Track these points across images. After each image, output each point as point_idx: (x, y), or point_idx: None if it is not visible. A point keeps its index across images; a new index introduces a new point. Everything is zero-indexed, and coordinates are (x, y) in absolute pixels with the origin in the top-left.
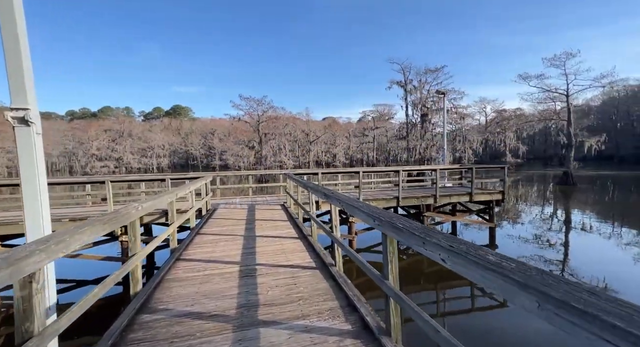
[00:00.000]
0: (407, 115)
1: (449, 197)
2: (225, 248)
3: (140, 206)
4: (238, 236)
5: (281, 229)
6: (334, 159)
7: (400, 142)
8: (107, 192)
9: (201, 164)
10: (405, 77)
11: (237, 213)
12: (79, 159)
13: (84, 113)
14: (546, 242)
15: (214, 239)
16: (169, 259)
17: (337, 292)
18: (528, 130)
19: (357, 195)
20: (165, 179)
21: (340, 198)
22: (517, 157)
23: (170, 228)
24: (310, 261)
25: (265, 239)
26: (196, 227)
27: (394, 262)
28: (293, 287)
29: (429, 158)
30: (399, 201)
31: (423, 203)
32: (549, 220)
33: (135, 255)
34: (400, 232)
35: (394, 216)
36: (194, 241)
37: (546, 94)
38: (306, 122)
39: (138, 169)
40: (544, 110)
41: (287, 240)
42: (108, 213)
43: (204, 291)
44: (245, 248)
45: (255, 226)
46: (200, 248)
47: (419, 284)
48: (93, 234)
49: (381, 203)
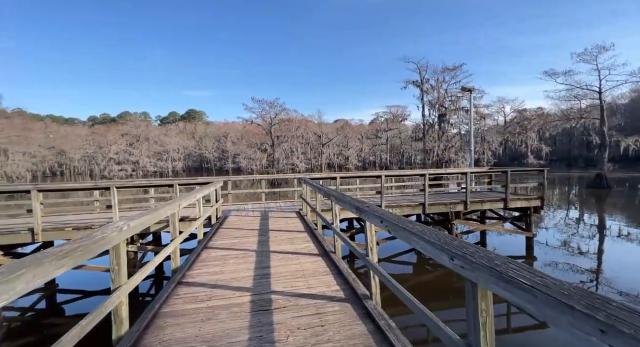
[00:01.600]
0: (424, 116)
1: (481, 203)
2: (235, 267)
3: (127, 224)
4: (250, 250)
5: (298, 243)
6: (347, 162)
7: (416, 144)
8: (112, 199)
9: (214, 167)
10: (422, 77)
11: (249, 222)
12: (99, 163)
13: (104, 118)
14: (592, 254)
15: (222, 255)
16: (168, 283)
17: (380, 343)
18: (551, 130)
19: (379, 201)
20: (174, 184)
21: (383, 215)
22: (539, 158)
23: (171, 246)
24: (337, 288)
25: (281, 255)
26: (204, 239)
27: (488, 327)
28: (320, 331)
29: (447, 160)
30: (425, 208)
31: (452, 210)
32: (588, 227)
33: (118, 288)
34: (514, 289)
35: (494, 256)
36: (201, 257)
37: (573, 92)
38: (318, 125)
39: (154, 172)
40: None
41: (306, 257)
42: (73, 241)
43: (206, 333)
44: (258, 268)
45: (269, 238)
46: (206, 267)
47: (447, 300)
48: (38, 278)
49: (405, 210)
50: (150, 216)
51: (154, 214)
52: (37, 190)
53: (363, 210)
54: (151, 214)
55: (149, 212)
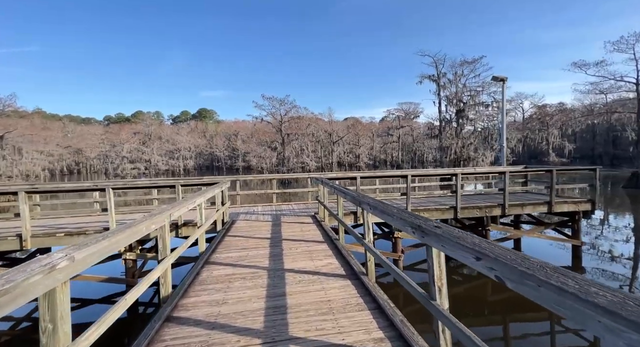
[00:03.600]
0: (440, 112)
1: (521, 207)
2: (242, 294)
3: (69, 258)
4: (260, 268)
5: (319, 258)
6: (357, 160)
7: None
8: (108, 201)
9: (225, 165)
10: (438, 71)
11: (259, 228)
12: (112, 162)
13: (119, 118)
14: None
15: (227, 275)
16: (152, 322)
17: None
18: (574, 126)
19: (404, 204)
20: (176, 185)
21: (483, 250)
22: (561, 156)
23: (157, 271)
24: (380, 336)
25: (299, 277)
26: (207, 250)
27: None
28: None
29: (466, 158)
30: (457, 212)
31: (487, 214)
32: (634, 232)
33: None
34: None
35: None
36: (200, 278)
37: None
38: (329, 123)
39: (166, 170)
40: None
41: (331, 280)
42: None
43: None
44: (271, 297)
45: (282, 250)
46: (206, 292)
47: (482, 316)
48: None
49: (434, 214)
50: (122, 235)
51: (128, 232)
52: (25, 192)
53: (429, 232)
54: (124, 232)
55: (121, 230)
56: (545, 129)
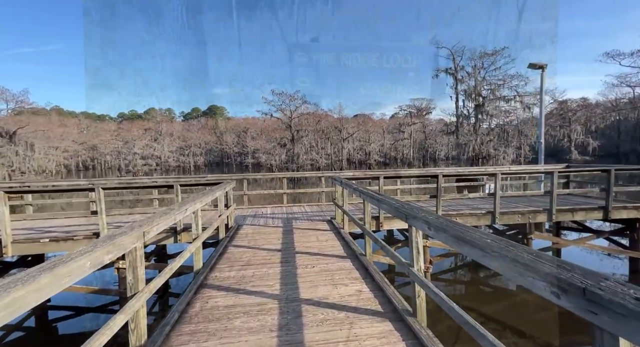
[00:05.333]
0: (458, 107)
1: (571, 213)
2: (245, 345)
3: None
4: (269, 297)
5: (343, 283)
6: (367, 157)
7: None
8: (97, 202)
9: (235, 162)
10: (455, 64)
11: (267, 236)
12: (125, 158)
13: (132, 115)
14: None
15: (225, 308)
16: None
17: None
18: (597, 122)
19: (433, 208)
20: (174, 185)
21: None
22: (584, 154)
23: (122, 314)
24: None
25: (321, 313)
26: (204, 268)
27: None
28: None
29: (485, 155)
30: (495, 218)
31: (531, 221)
32: None
33: None
34: None
35: None
36: (189, 313)
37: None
38: (339, 119)
39: (177, 167)
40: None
41: (364, 322)
42: None
43: None
44: (284, 345)
45: (297, 270)
46: (194, 339)
47: (523, 337)
48: None
49: (469, 220)
50: (22, 291)
51: (70, 265)
52: (4, 192)
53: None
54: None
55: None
56: (567, 125)
